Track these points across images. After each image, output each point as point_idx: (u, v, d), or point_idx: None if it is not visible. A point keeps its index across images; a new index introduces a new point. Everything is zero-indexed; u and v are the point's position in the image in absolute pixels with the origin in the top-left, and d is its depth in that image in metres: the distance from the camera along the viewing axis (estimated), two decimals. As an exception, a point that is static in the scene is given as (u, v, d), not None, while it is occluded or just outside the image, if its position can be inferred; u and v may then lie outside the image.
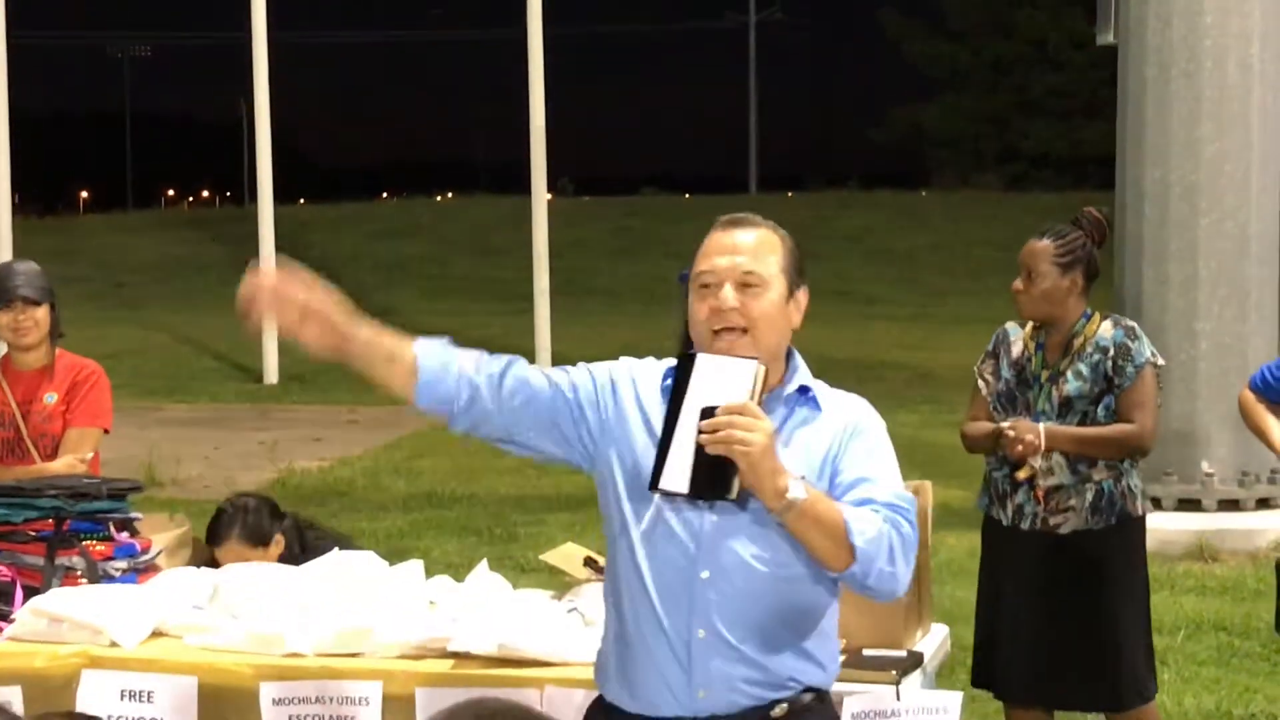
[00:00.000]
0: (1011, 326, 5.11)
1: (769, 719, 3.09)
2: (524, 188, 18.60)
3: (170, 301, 28.60)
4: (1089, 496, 4.86)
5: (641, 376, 3.27)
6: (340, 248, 33.90)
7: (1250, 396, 5.30)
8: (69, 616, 4.17)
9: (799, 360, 3.27)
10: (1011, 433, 4.79)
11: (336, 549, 4.66)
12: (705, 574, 3.07)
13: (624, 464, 3.18)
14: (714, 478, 2.95)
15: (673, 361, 3.15)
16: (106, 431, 5.45)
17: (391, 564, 4.69)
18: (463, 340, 3.29)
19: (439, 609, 4.25)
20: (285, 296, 3.12)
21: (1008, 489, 4.94)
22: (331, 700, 3.98)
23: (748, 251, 3.19)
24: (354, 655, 4.08)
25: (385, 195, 59.91)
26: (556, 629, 4.08)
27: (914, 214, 38.08)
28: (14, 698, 4.07)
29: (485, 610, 4.22)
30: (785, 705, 3.10)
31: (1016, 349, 5.03)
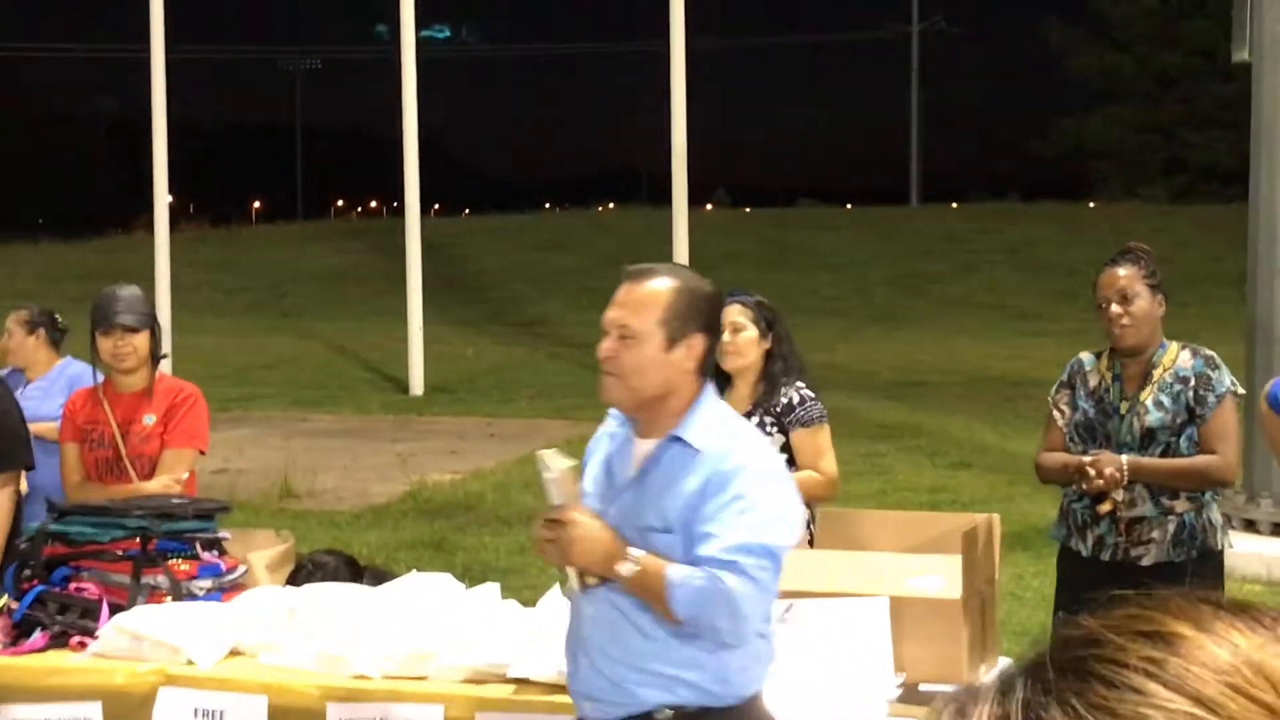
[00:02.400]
0: (1086, 356, 5.04)
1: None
2: (679, 200, 18.64)
3: (329, 311, 29.17)
4: (1171, 529, 4.79)
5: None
6: (497, 259, 34.29)
7: (1268, 412, 5.09)
8: (149, 635, 4.31)
9: (704, 404, 3.53)
10: (1093, 469, 4.72)
11: None
12: (590, 610, 3.52)
13: None
14: (570, 579, 3.48)
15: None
16: (202, 453, 5.60)
17: (507, 581, 4.75)
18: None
19: (505, 634, 4.31)
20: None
21: (1088, 519, 4.88)
22: (394, 723, 4.07)
23: (627, 306, 3.51)
24: (419, 678, 4.17)
25: (549, 207, 60.60)
26: (616, 657, 4.11)
27: (1077, 227, 37.41)
28: (94, 713, 4.22)
29: (549, 636, 4.27)
30: (670, 711, 3.43)
31: (1093, 379, 4.96)
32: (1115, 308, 4.86)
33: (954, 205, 47.00)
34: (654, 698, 3.43)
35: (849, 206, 48.63)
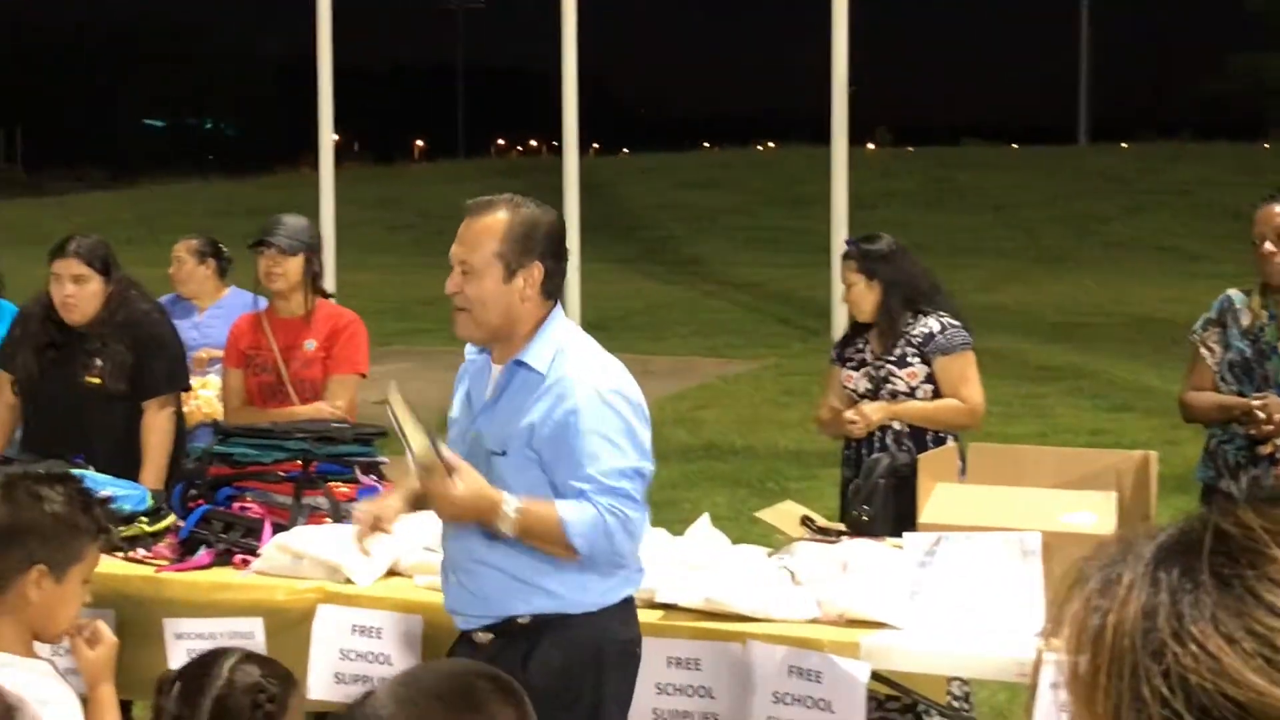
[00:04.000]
0: (1235, 293, 4.92)
1: (516, 625, 3.64)
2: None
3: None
4: None
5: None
6: (652, 198, 34.30)
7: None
8: (309, 553, 4.42)
9: (549, 330, 3.68)
10: (1263, 411, 4.61)
11: None
12: (452, 529, 3.72)
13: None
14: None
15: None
16: (363, 376, 5.71)
17: (660, 514, 4.80)
18: (766, 294, 3.61)
19: (653, 561, 4.35)
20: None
21: (1241, 461, 4.77)
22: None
23: (465, 242, 3.67)
24: (569, 603, 4.22)
25: (708, 145, 60.37)
26: (763, 585, 4.13)
27: (1251, 167, 36.34)
28: (256, 629, 4.35)
29: (697, 564, 4.31)
30: (527, 618, 3.65)
31: (1245, 318, 4.84)
32: (1269, 245, 4.74)
33: (1123, 144, 45.91)
34: (515, 607, 3.64)
35: (1014, 145, 47.72)
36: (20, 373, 5.62)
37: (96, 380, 5.46)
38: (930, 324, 5.39)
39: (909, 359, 5.39)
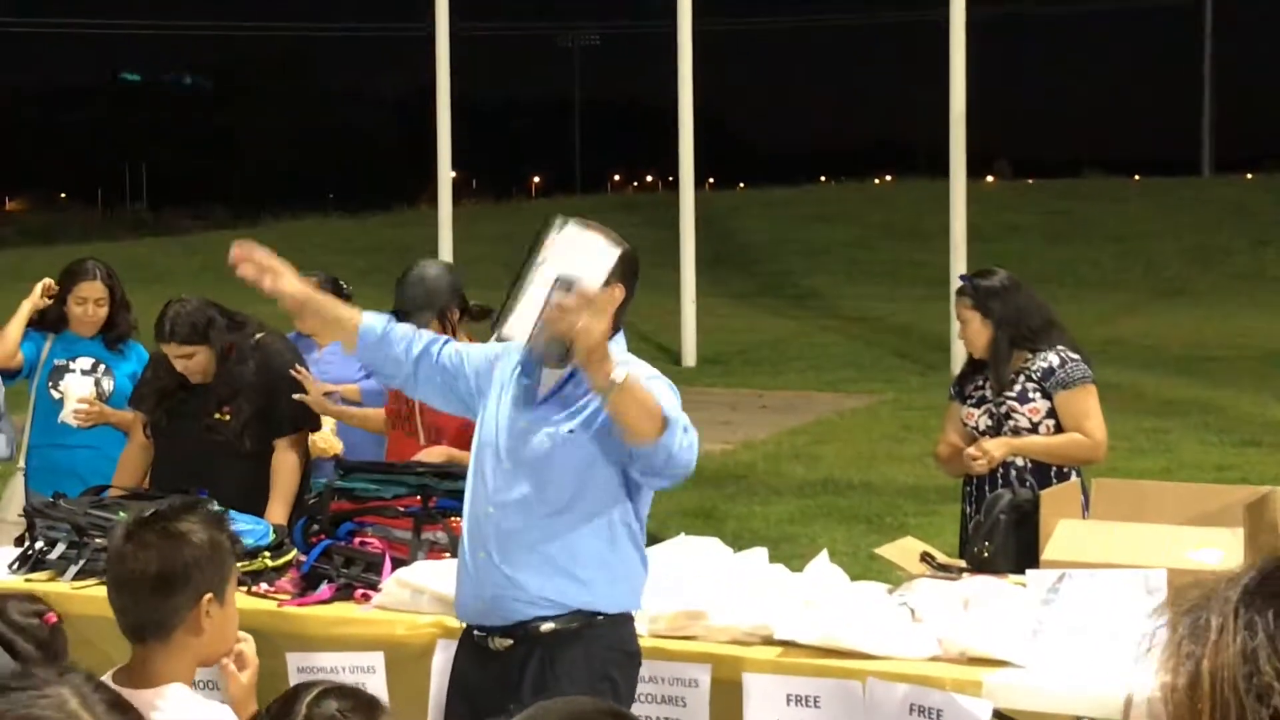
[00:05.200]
0: None
1: (538, 633, 3.84)
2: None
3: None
4: None
5: (509, 357, 3.99)
6: (769, 232, 34.26)
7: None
8: (429, 589, 4.45)
9: (619, 338, 3.89)
10: None
11: None
12: (489, 509, 3.88)
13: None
14: (552, 346, 3.62)
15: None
16: None
17: (777, 550, 4.78)
18: (884, 328, 3.63)
19: (773, 596, 4.33)
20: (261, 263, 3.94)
21: None
22: (663, 680, 4.13)
23: None
24: (687, 638, 4.21)
25: (824, 179, 60.24)
26: (883, 622, 4.10)
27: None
28: (377, 663, 4.38)
29: (816, 600, 4.28)
30: (552, 623, 3.83)
31: None
32: None
33: (1248, 176, 45.13)
34: (548, 598, 3.83)
35: (1136, 178, 47.08)
36: (151, 417, 5.75)
37: (225, 420, 5.56)
38: (1050, 358, 5.36)
39: (1030, 394, 5.36)
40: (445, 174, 18.78)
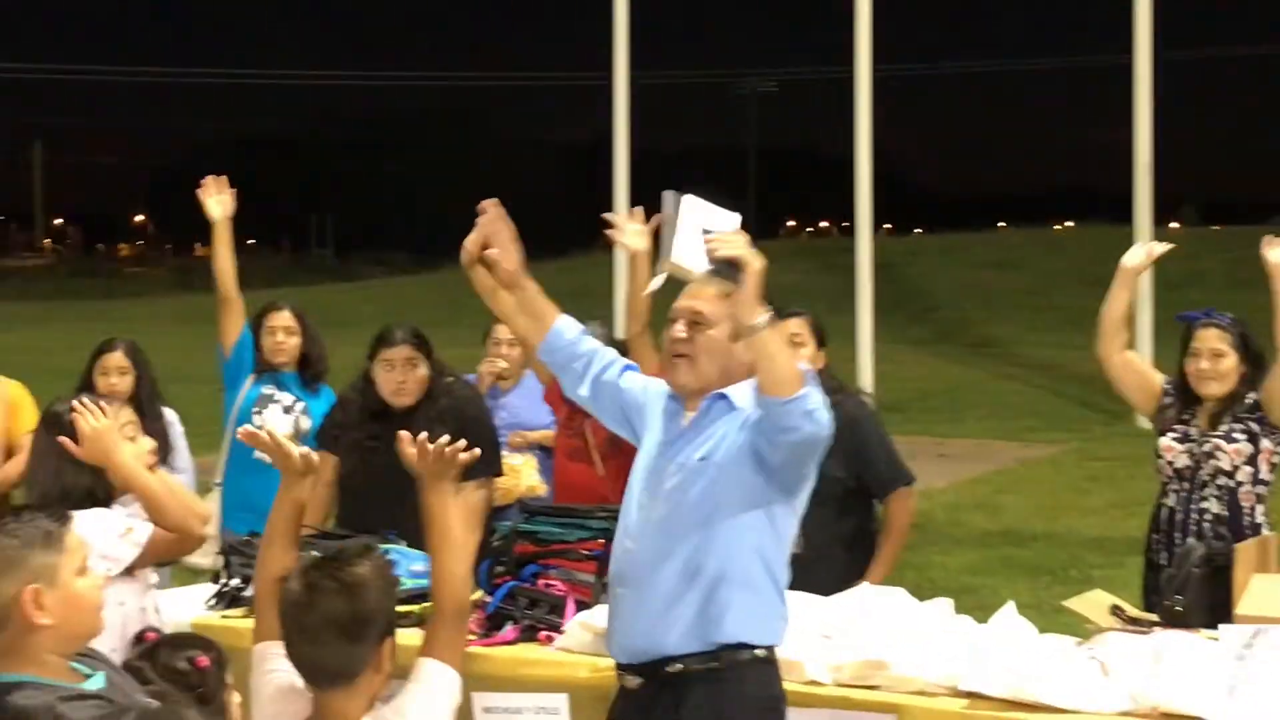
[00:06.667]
0: None
1: (666, 673, 3.83)
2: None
3: (780, 330, 29.42)
4: None
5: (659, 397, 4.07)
6: (948, 278, 33.96)
7: None
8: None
9: (743, 384, 3.89)
10: None
11: None
12: (628, 544, 3.93)
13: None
14: (725, 269, 3.62)
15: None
16: None
17: (958, 601, 4.73)
18: (1066, 375, 3.61)
19: (958, 648, 4.28)
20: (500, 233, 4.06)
21: None
22: (848, 729, 4.09)
23: (700, 297, 3.94)
24: (870, 687, 4.18)
25: (1002, 225, 59.52)
26: (1073, 676, 4.02)
27: None
28: (561, 705, 4.41)
29: (1003, 652, 4.22)
30: (680, 664, 3.81)
31: None
32: None
33: None
34: (662, 649, 3.82)
35: (1329, 223, 45.77)
36: (342, 457, 5.85)
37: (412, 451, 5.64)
38: (1254, 394, 5.33)
39: (1235, 435, 5.30)
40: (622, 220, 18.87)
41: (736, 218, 3.84)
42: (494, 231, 4.07)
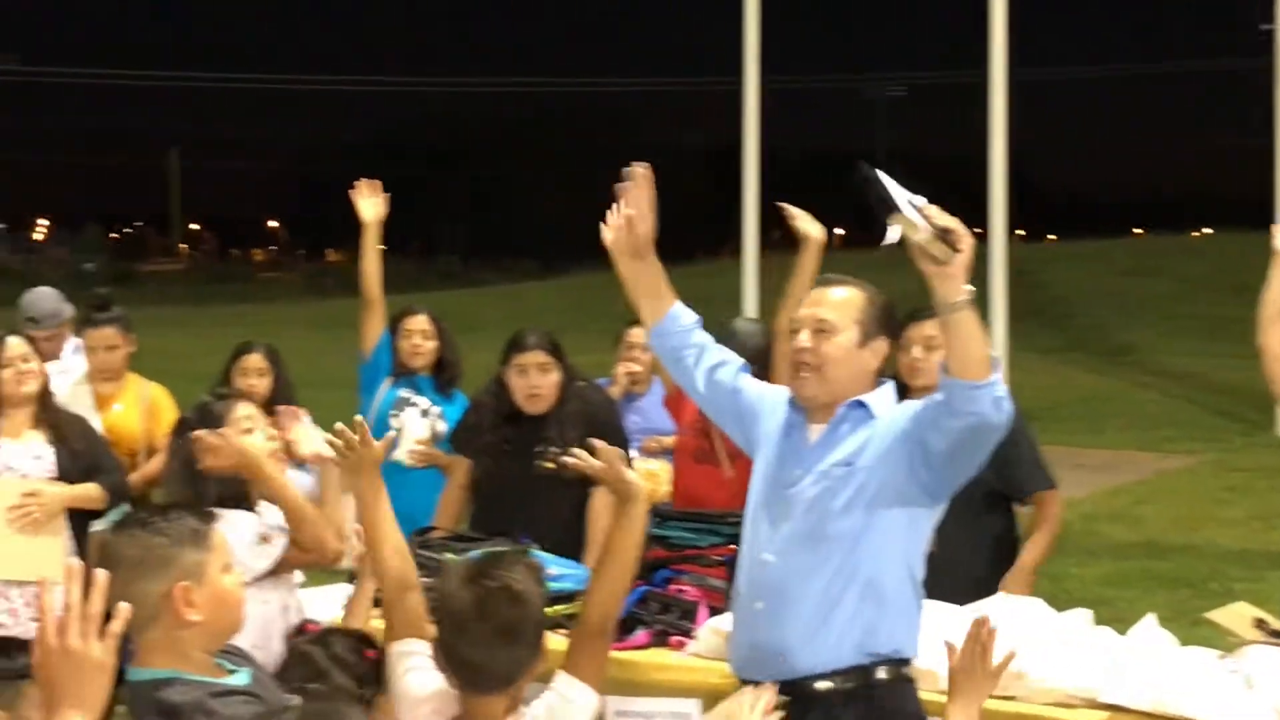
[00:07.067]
0: None
1: (812, 691, 3.71)
2: (1283, 221, 17.65)
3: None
4: None
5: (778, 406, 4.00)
6: (1082, 284, 33.46)
7: None
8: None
9: (880, 391, 3.87)
10: None
11: None
12: (767, 557, 3.82)
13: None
14: (934, 244, 3.43)
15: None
16: None
17: (1098, 613, 4.65)
18: (1205, 384, 3.51)
19: (1096, 659, 4.20)
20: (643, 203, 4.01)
21: None
22: (984, 740, 4.03)
23: (825, 304, 3.88)
24: (1006, 698, 4.11)
25: (1137, 231, 58.62)
26: (1216, 689, 3.94)
27: None
28: (693, 710, 4.39)
29: (1144, 664, 4.14)
30: (828, 682, 3.72)
31: None
32: None
33: None
34: (806, 667, 3.71)
35: None
36: (477, 460, 5.90)
37: (550, 466, 5.66)
38: None
39: None
40: (751, 226, 18.85)
41: (922, 198, 3.65)
42: (640, 196, 4.02)
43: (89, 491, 5.86)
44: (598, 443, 3.69)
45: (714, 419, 4.33)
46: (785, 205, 5.84)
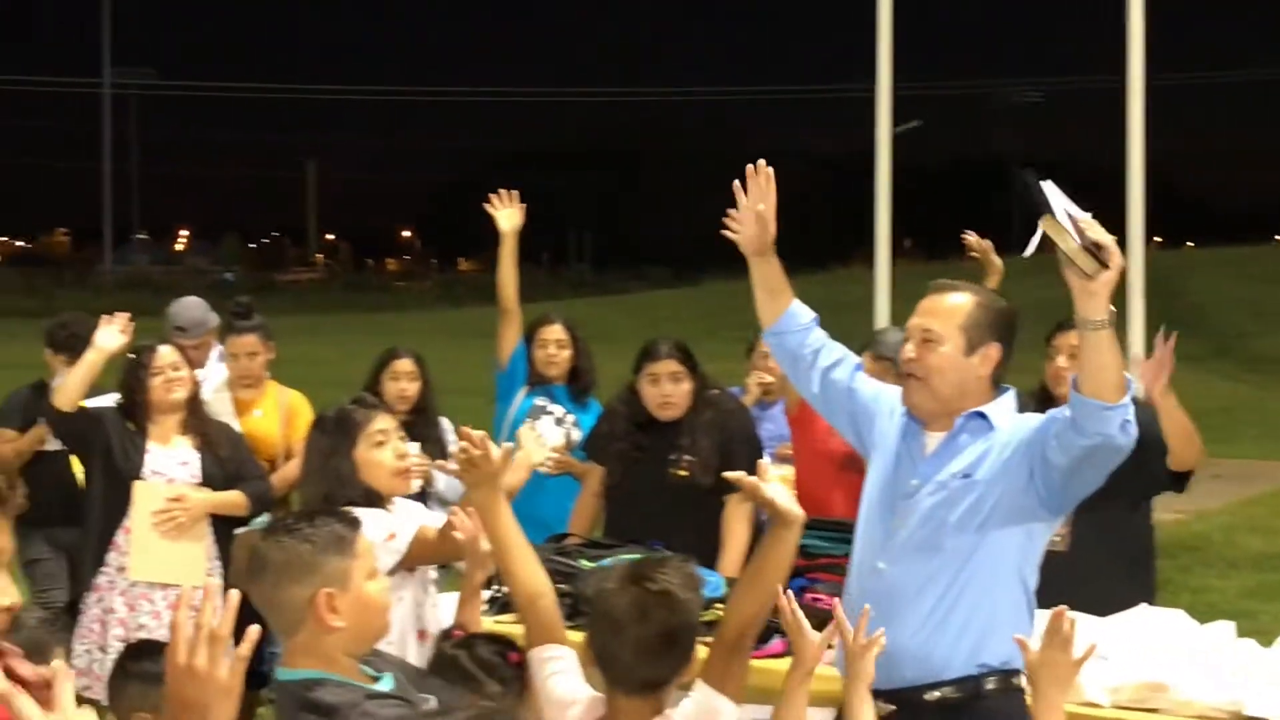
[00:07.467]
0: None
1: (921, 700, 3.73)
2: None
3: (1039, 345, 28.87)
4: None
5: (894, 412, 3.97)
6: (1220, 292, 32.83)
7: None
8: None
9: (999, 401, 3.83)
10: None
11: None
12: (880, 565, 3.83)
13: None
14: (1084, 257, 3.40)
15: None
16: None
17: (1239, 626, 4.58)
18: None
19: (1241, 672, 4.13)
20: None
21: None
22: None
23: (930, 313, 3.85)
24: (1149, 710, 4.07)
25: (1278, 238, 57.38)
26: (1364, 706, 3.85)
27: None
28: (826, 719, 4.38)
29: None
30: (937, 692, 3.72)
31: None
32: None
33: None
34: (916, 676, 3.71)
35: None
36: (610, 468, 5.93)
37: (684, 473, 5.68)
38: None
39: None
40: (884, 233, 18.69)
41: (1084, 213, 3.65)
42: (765, 194, 4.07)
43: (233, 498, 5.98)
44: (763, 465, 3.68)
45: (827, 418, 4.34)
46: (969, 235, 6.19)
